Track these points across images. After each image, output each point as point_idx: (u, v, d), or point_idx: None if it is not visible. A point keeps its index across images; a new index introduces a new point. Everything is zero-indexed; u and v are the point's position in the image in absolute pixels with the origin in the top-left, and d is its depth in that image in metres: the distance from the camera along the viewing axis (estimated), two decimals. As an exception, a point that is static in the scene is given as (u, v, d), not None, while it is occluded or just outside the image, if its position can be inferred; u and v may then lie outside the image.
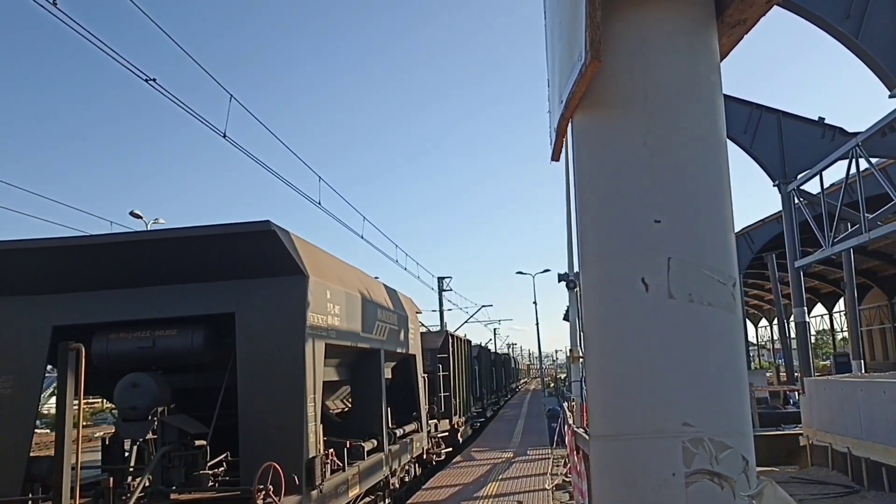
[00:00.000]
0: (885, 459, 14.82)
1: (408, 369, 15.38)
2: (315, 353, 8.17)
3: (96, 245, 8.05)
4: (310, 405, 7.91)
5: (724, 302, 2.26)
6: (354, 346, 10.26)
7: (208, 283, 8.11)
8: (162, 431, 7.72)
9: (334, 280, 9.40)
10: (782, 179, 21.36)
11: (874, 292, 47.99)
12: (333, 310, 9.08)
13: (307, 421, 7.83)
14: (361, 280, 11.63)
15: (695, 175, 2.30)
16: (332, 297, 9.02)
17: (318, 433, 8.20)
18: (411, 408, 15.60)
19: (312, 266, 8.42)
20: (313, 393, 8.06)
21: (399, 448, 13.12)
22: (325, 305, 8.71)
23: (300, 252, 8.21)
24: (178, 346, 8.01)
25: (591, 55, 2.15)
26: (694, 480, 2.14)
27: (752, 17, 2.45)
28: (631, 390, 2.26)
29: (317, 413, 8.21)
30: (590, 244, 2.46)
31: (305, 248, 8.59)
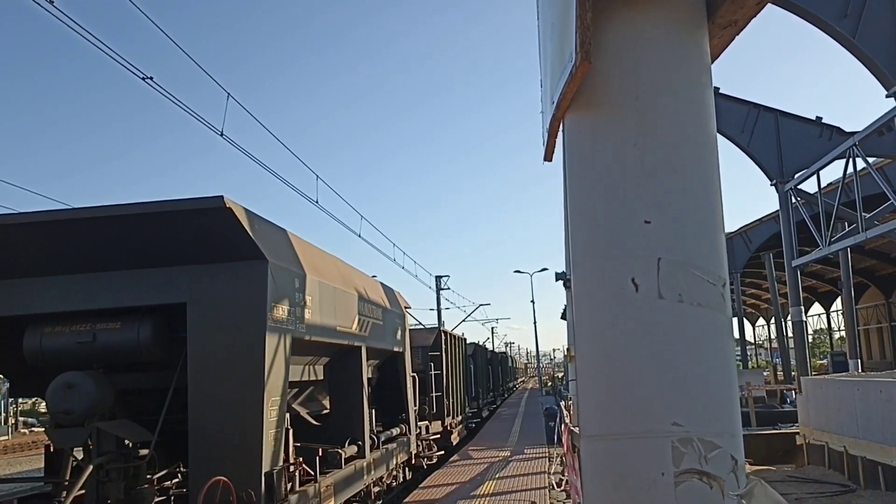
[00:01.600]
0: (881, 458, 14.86)
1: (395, 368, 14.48)
2: (279, 350, 7.30)
3: (27, 224, 6.95)
4: (271, 409, 7.05)
5: (714, 302, 2.27)
6: (330, 342, 9.36)
7: (157, 268, 7.16)
8: (98, 440, 6.71)
9: (305, 267, 8.45)
10: (779, 178, 21.38)
11: (871, 291, 48.06)
12: (303, 301, 8.12)
13: (267, 427, 6.95)
14: (340, 269, 10.65)
15: (685, 175, 2.31)
16: (301, 287, 8.07)
17: (281, 440, 7.34)
18: (399, 409, 14.68)
19: (276, 250, 7.55)
20: (277, 395, 7.20)
21: (384, 454, 12.16)
22: (292, 295, 7.77)
23: (261, 233, 7.29)
24: (123, 341, 7.05)
25: (582, 56, 2.16)
26: (683, 480, 2.15)
27: (743, 18, 2.46)
28: (621, 390, 2.27)
29: (281, 418, 7.34)
30: (580, 244, 2.47)
31: (268, 229, 7.68)
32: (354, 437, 10.56)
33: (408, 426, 14.72)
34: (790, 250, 21.07)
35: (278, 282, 7.33)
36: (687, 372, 2.21)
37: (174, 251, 7.06)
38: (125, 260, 7.16)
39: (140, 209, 6.86)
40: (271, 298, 7.10)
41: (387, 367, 14.16)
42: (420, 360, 20.04)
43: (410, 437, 14.91)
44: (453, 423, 23.28)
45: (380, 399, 13.71)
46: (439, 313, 45.36)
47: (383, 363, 13.92)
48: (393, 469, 13.21)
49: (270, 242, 7.44)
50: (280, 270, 7.43)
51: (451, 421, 22.63)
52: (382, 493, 12.62)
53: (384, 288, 14.15)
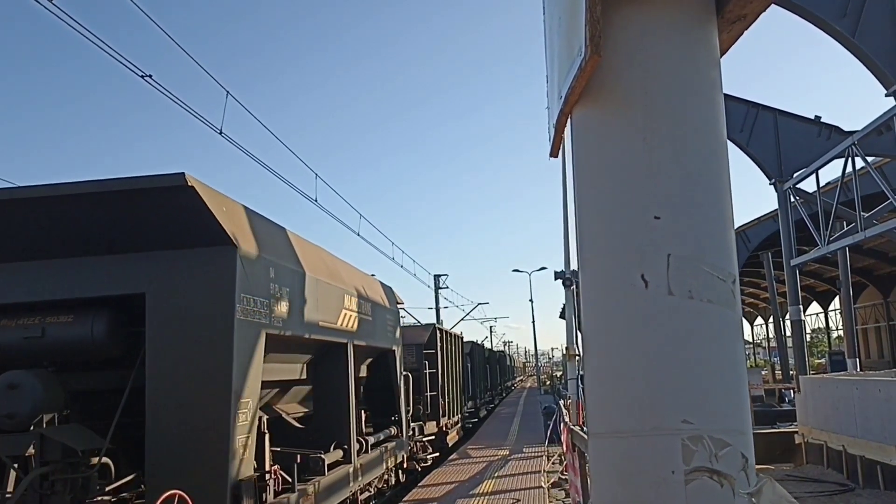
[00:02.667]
0: (879, 457, 14.86)
1: (386, 366, 13.72)
2: (251, 346, 6.64)
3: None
4: (241, 411, 6.34)
5: (724, 299, 2.25)
6: (312, 338, 8.65)
7: (113, 255, 6.49)
8: (41, 447, 5.95)
9: (281, 256, 7.74)
10: (778, 178, 21.39)
11: (869, 291, 48.09)
12: (279, 292, 7.43)
13: (235, 432, 6.24)
14: (325, 261, 9.92)
15: (694, 171, 2.29)
16: (277, 277, 7.37)
17: (252, 447, 6.67)
18: (392, 410, 13.97)
19: (247, 235, 6.86)
20: (248, 396, 6.51)
21: (372, 458, 11.40)
22: (266, 286, 7.09)
23: (230, 216, 6.61)
24: (75, 337, 6.38)
25: (591, 50, 2.14)
26: (693, 478, 2.14)
27: (752, 12, 2.44)
28: (629, 387, 2.25)
29: (253, 421, 6.68)
30: (589, 240, 2.45)
31: (238, 212, 6.99)
32: (340, 440, 9.90)
33: (400, 428, 14.02)
34: (789, 249, 21.08)
35: (249, 271, 6.64)
36: (696, 369, 2.19)
37: (131, 236, 6.40)
38: (77, 246, 6.47)
39: (90, 188, 6.18)
40: (241, 289, 6.41)
41: (378, 366, 13.51)
42: (414, 359, 19.55)
43: (403, 440, 14.21)
44: (449, 423, 22.80)
45: (371, 399, 13.19)
46: (438, 312, 45.41)
47: (374, 362, 13.29)
48: (383, 474, 12.49)
49: (241, 227, 6.76)
50: (252, 258, 6.74)
51: (446, 421, 22.14)
52: (371, 499, 11.89)
53: (375, 283, 13.51)
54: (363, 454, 10.81)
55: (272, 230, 7.92)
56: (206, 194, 6.21)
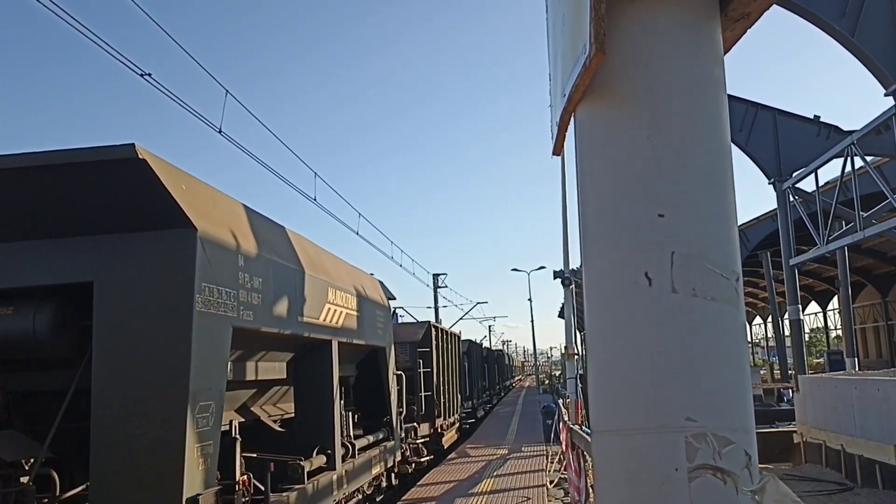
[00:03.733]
0: (878, 457, 14.89)
1: (376, 365, 12.96)
2: (214, 343, 5.95)
3: None
4: (200, 416, 5.65)
5: (728, 297, 2.25)
6: (291, 334, 7.93)
7: (57, 239, 5.79)
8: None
9: (252, 242, 7.01)
10: (777, 177, 21.43)
11: (868, 290, 48.14)
12: (250, 283, 6.75)
13: (193, 439, 5.52)
14: (306, 251, 9.14)
15: (698, 169, 2.29)
16: (247, 266, 6.71)
17: (215, 455, 5.97)
18: (383, 411, 13.26)
19: (211, 217, 6.15)
20: (209, 398, 5.82)
21: (360, 463, 10.68)
22: (233, 275, 6.40)
23: (190, 195, 5.91)
24: (15, 331, 5.69)
25: (596, 48, 2.14)
26: (697, 475, 2.14)
27: (755, 10, 2.44)
28: (633, 385, 2.25)
29: (216, 427, 5.99)
30: (592, 238, 2.45)
31: (200, 191, 6.29)
32: (324, 445, 9.16)
33: (391, 430, 13.29)
34: (788, 249, 21.11)
35: (213, 257, 5.95)
36: (700, 366, 2.19)
37: (76, 216, 5.70)
38: (14, 228, 5.77)
39: (24, 161, 5.42)
40: (202, 277, 5.74)
41: (368, 365, 12.82)
42: (408, 357, 18.96)
43: (394, 443, 13.45)
44: (445, 424, 22.23)
45: (361, 400, 12.60)
46: (437, 311, 45.46)
47: (363, 360, 12.62)
48: (372, 480, 11.75)
49: (203, 207, 6.08)
50: (216, 243, 6.06)
51: (442, 422, 21.56)
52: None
53: (365, 276, 12.78)
54: (349, 459, 10.11)
55: (243, 214, 7.22)
56: (160, 169, 5.51)
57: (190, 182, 6.09)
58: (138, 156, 5.28)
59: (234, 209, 7.02)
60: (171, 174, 5.76)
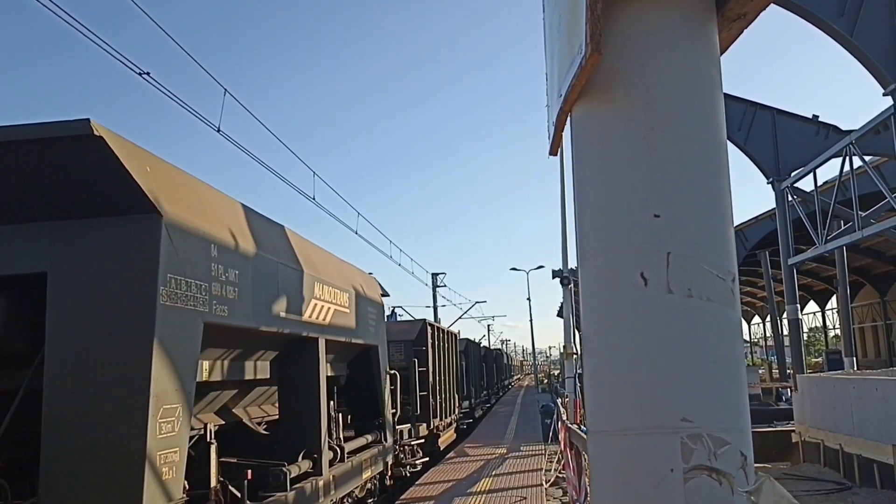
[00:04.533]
0: (876, 456, 14.91)
1: (368, 364, 12.37)
2: (182, 339, 5.43)
3: None
4: (163, 420, 5.11)
5: (724, 297, 2.25)
6: (273, 331, 7.44)
7: (7, 226, 5.31)
8: None
9: (229, 232, 6.51)
10: (776, 177, 21.45)
11: (866, 290, 48.20)
12: (224, 275, 6.25)
13: (155, 446, 4.99)
14: (290, 242, 8.63)
15: (695, 170, 2.29)
16: (221, 257, 6.20)
17: (182, 464, 5.41)
18: (375, 412, 12.69)
19: (178, 202, 5.62)
20: (176, 401, 5.29)
21: (349, 467, 10.12)
22: (205, 267, 5.90)
23: (155, 177, 5.38)
24: None
25: (592, 48, 2.14)
26: (692, 476, 2.14)
27: (752, 10, 2.44)
28: (629, 385, 2.25)
29: (184, 432, 5.44)
30: (588, 238, 2.45)
31: (167, 173, 5.77)
32: (310, 449, 8.67)
33: (383, 432, 12.72)
34: (786, 248, 21.13)
35: (181, 246, 5.46)
36: (696, 367, 2.19)
37: (28, 200, 5.22)
38: None
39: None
40: (167, 268, 5.25)
41: (359, 364, 12.29)
42: (403, 356, 18.51)
43: (387, 445, 12.91)
44: (441, 425, 21.68)
45: (352, 401, 12.08)
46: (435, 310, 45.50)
47: (355, 359, 12.11)
48: (364, 484, 11.21)
49: (170, 192, 5.57)
50: (184, 231, 5.56)
51: (438, 423, 21.03)
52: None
53: (356, 271, 12.23)
54: (338, 463, 9.59)
55: (219, 202, 6.71)
56: (119, 148, 4.97)
57: (156, 164, 5.56)
58: (94, 132, 4.75)
59: (209, 196, 6.52)
60: (133, 154, 5.22)
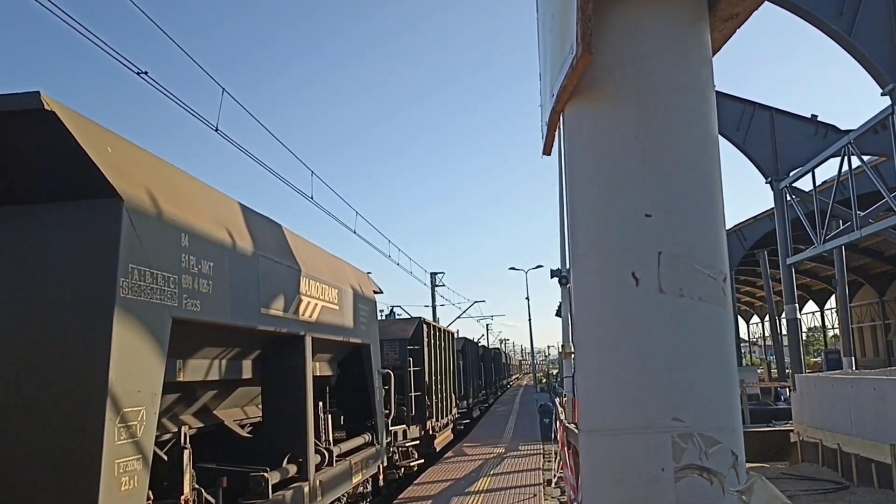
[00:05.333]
0: (874, 456, 14.91)
1: (359, 363, 11.76)
2: (145, 336, 4.94)
3: None
4: (122, 425, 4.59)
5: (715, 297, 2.26)
6: (252, 327, 6.92)
7: None
8: None
9: (202, 220, 6.00)
10: (775, 176, 21.44)
11: (865, 289, 48.23)
12: (197, 267, 5.77)
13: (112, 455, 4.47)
14: (274, 234, 8.11)
15: (686, 169, 2.29)
16: (193, 247, 5.72)
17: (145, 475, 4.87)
18: (367, 413, 12.03)
19: (143, 186, 5.12)
20: (139, 404, 4.79)
21: (338, 472, 9.55)
22: (174, 257, 5.40)
23: (116, 158, 4.89)
24: None
25: (583, 48, 2.14)
26: (683, 475, 2.14)
27: (744, 11, 2.44)
28: (620, 384, 2.26)
29: (148, 437, 4.91)
30: (580, 238, 2.45)
31: (132, 155, 5.27)
32: (295, 453, 8.14)
33: (375, 433, 12.05)
34: (785, 248, 21.13)
35: (145, 234, 4.97)
36: (687, 366, 2.19)
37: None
38: None
39: None
40: (128, 258, 4.75)
41: (351, 364, 11.68)
42: (397, 355, 18.09)
43: (379, 447, 12.29)
44: (437, 426, 21.12)
45: (343, 402, 11.55)
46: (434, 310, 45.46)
47: (345, 358, 11.51)
48: (355, 488, 10.69)
49: (134, 175, 5.07)
50: (149, 218, 5.07)
51: (434, 424, 20.50)
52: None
53: (346, 266, 11.58)
54: (326, 468, 9.07)
55: (192, 188, 6.21)
56: (75, 124, 4.53)
57: (119, 144, 5.07)
58: (45, 106, 4.31)
59: (181, 182, 6.04)
60: (92, 132, 4.75)
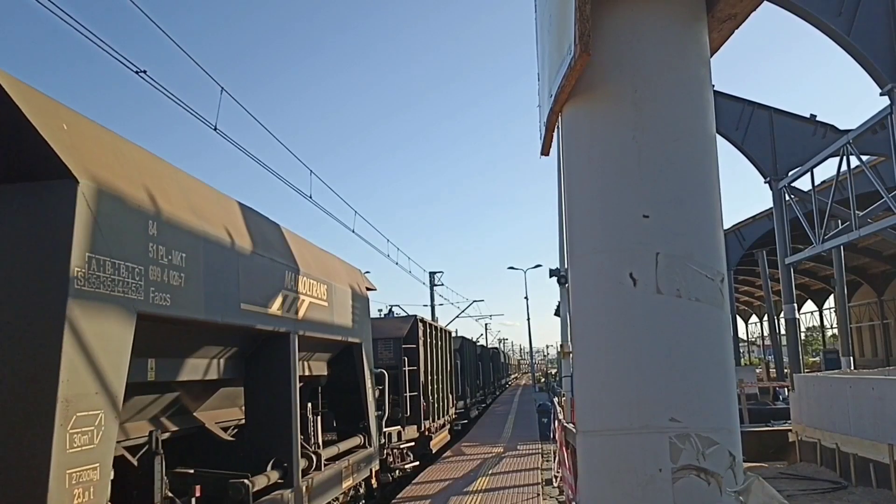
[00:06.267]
0: (872, 455, 14.91)
1: (351, 363, 11.26)
2: (105, 332, 4.48)
3: None
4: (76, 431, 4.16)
5: (712, 297, 2.26)
6: (231, 324, 6.44)
7: None
8: None
9: (174, 207, 5.54)
10: (773, 176, 21.45)
11: (864, 289, 48.23)
12: (166, 258, 5.29)
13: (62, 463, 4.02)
14: (257, 225, 7.62)
15: (683, 170, 2.29)
16: (162, 236, 5.22)
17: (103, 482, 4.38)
18: (359, 414, 11.54)
19: (105, 168, 4.69)
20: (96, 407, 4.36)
21: (327, 476, 9.09)
22: (140, 247, 4.94)
23: (72, 136, 4.49)
24: None
25: (581, 49, 2.14)
26: (681, 476, 2.14)
27: (742, 11, 2.44)
28: (618, 385, 2.26)
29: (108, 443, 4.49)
30: (578, 238, 2.45)
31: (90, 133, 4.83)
32: (280, 457, 7.73)
33: (368, 435, 11.51)
34: (783, 248, 21.13)
35: (105, 220, 4.55)
36: (685, 367, 2.20)
37: None
38: None
39: None
40: (85, 245, 4.33)
41: (342, 363, 11.18)
42: (392, 354, 17.66)
43: (371, 449, 11.74)
44: (433, 426, 20.61)
45: (335, 403, 11.19)
46: (433, 309, 45.41)
47: (336, 357, 11.03)
48: (344, 493, 10.23)
49: (94, 155, 4.64)
50: (111, 201, 4.63)
51: (430, 424, 19.95)
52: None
53: (337, 261, 11.12)
54: (313, 472, 8.63)
55: (162, 172, 5.72)
56: (24, 98, 4.15)
57: (76, 121, 4.65)
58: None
59: (150, 164, 5.54)
60: (43, 107, 4.32)
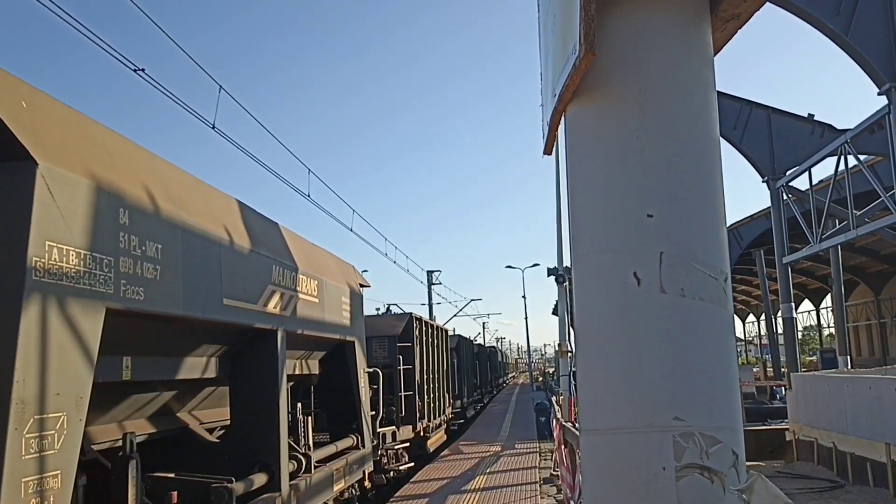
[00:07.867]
0: (869, 454, 14.95)
1: (343, 361, 11.00)
2: (68, 328, 4.19)
3: None
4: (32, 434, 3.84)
5: (716, 297, 2.27)
6: (210, 320, 6.10)
7: None
8: None
9: (149, 194, 5.20)
10: (771, 175, 21.48)
11: (861, 289, 48.34)
12: (140, 248, 4.92)
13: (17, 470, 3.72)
14: (243, 217, 7.37)
15: (687, 169, 2.30)
16: (134, 225, 4.89)
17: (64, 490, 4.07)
18: (352, 414, 11.31)
19: (69, 150, 4.41)
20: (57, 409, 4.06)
21: (317, 479, 8.75)
22: (110, 236, 4.63)
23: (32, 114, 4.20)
24: None
25: (586, 48, 2.14)
26: (684, 475, 2.15)
27: (746, 11, 2.45)
28: (621, 384, 2.26)
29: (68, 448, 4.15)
30: (581, 238, 2.46)
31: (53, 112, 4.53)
32: (266, 459, 7.42)
33: (360, 437, 11.24)
34: (781, 247, 21.17)
35: (69, 207, 4.24)
36: (688, 366, 2.20)
37: None
38: None
39: None
40: (45, 233, 4.02)
41: (334, 362, 10.95)
42: (386, 353, 17.61)
43: (365, 451, 11.45)
44: (429, 426, 20.53)
45: (326, 403, 11.00)
46: (431, 308, 45.45)
47: (327, 356, 10.80)
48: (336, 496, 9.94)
49: (54, 134, 4.33)
50: (74, 186, 4.31)
51: (426, 424, 19.86)
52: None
53: (328, 256, 10.81)
54: (303, 475, 8.33)
55: (135, 156, 5.39)
56: None
57: (38, 99, 4.35)
58: None
59: (121, 148, 5.22)
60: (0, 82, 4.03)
